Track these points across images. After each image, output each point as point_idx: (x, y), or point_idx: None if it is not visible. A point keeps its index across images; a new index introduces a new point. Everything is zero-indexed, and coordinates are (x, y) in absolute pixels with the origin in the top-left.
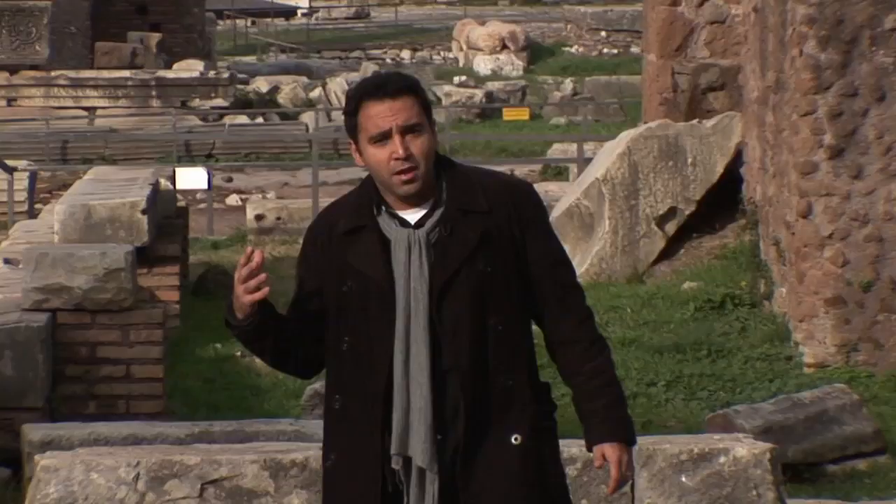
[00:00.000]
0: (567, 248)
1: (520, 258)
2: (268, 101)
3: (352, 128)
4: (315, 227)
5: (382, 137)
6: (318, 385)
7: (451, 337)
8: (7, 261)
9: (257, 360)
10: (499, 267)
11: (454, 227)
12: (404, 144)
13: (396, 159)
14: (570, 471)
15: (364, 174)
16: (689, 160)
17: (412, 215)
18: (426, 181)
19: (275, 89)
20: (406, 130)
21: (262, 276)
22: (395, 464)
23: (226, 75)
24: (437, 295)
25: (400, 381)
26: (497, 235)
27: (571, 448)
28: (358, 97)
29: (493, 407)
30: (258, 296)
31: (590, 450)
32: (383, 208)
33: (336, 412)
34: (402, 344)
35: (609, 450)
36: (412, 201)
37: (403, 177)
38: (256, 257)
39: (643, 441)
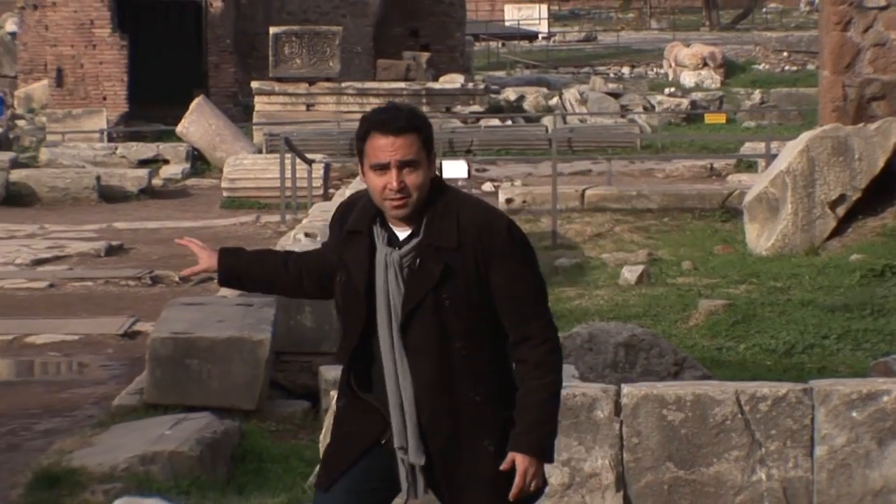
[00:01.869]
0: (755, 226)
1: (485, 287)
2: (515, 107)
3: (359, 151)
4: (340, 210)
5: (381, 167)
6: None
7: (415, 357)
8: (307, 234)
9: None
10: (460, 298)
11: (422, 261)
12: (399, 178)
13: (390, 190)
14: (762, 407)
15: None
16: (856, 156)
17: (401, 232)
18: (416, 208)
19: (521, 98)
20: (403, 165)
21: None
22: (402, 455)
23: (481, 86)
24: (405, 321)
25: (393, 384)
26: (461, 270)
27: (763, 388)
28: (367, 127)
29: (466, 417)
30: (187, 272)
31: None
32: (379, 219)
33: (344, 370)
34: (389, 352)
35: (520, 459)
36: (402, 221)
37: (395, 203)
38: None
39: (822, 383)
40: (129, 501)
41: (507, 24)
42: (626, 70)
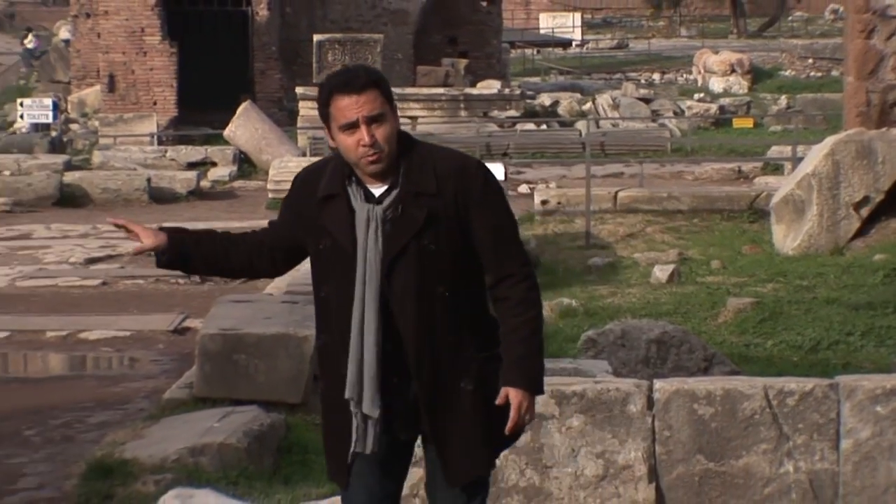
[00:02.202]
0: (782, 227)
1: (466, 230)
2: (550, 112)
3: (325, 116)
4: (301, 183)
5: (350, 126)
6: (591, 332)
7: (399, 303)
8: None
9: (543, 314)
10: (443, 243)
11: (405, 209)
12: (370, 132)
13: (363, 146)
14: (789, 401)
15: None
16: (880, 159)
17: (376, 189)
18: (390, 161)
19: (555, 103)
20: (371, 120)
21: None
22: (354, 407)
23: (517, 92)
24: (388, 266)
25: (356, 336)
26: (443, 215)
27: (790, 383)
28: (329, 91)
29: (445, 360)
30: (136, 250)
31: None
32: (353, 179)
33: (321, 348)
34: (359, 304)
35: (513, 393)
36: (377, 177)
37: (370, 159)
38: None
39: (847, 378)
40: (182, 492)
41: (541, 31)
42: (656, 76)
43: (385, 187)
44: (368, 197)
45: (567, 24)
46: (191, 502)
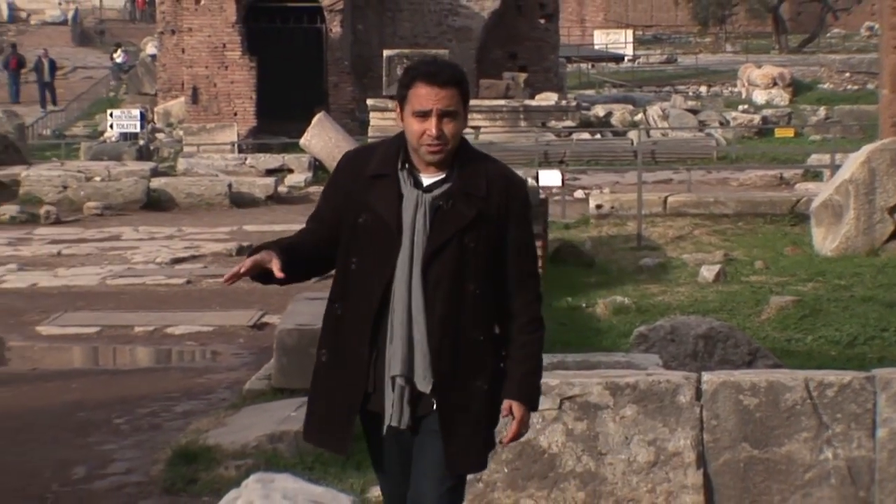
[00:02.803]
0: (821, 230)
1: (499, 238)
2: (603, 122)
3: (402, 97)
4: (349, 162)
5: (423, 115)
6: (643, 328)
7: (432, 293)
8: None
9: (598, 309)
10: (482, 244)
11: (455, 203)
12: (439, 126)
13: (429, 136)
14: (828, 393)
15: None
16: None
17: (427, 178)
18: (449, 155)
19: (609, 114)
20: (444, 114)
21: (252, 268)
22: (401, 382)
23: (573, 104)
24: (429, 256)
25: (402, 313)
26: (488, 218)
27: (829, 376)
28: (413, 76)
29: (465, 355)
30: (278, 274)
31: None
32: (406, 164)
33: (335, 317)
34: (405, 282)
35: (516, 407)
36: (432, 166)
37: (432, 148)
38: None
39: (883, 371)
40: (264, 477)
41: (596, 47)
42: (703, 89)
43: (435, 179)
44: (417, 184)
45: (620, 40)
46: (272, 486)
